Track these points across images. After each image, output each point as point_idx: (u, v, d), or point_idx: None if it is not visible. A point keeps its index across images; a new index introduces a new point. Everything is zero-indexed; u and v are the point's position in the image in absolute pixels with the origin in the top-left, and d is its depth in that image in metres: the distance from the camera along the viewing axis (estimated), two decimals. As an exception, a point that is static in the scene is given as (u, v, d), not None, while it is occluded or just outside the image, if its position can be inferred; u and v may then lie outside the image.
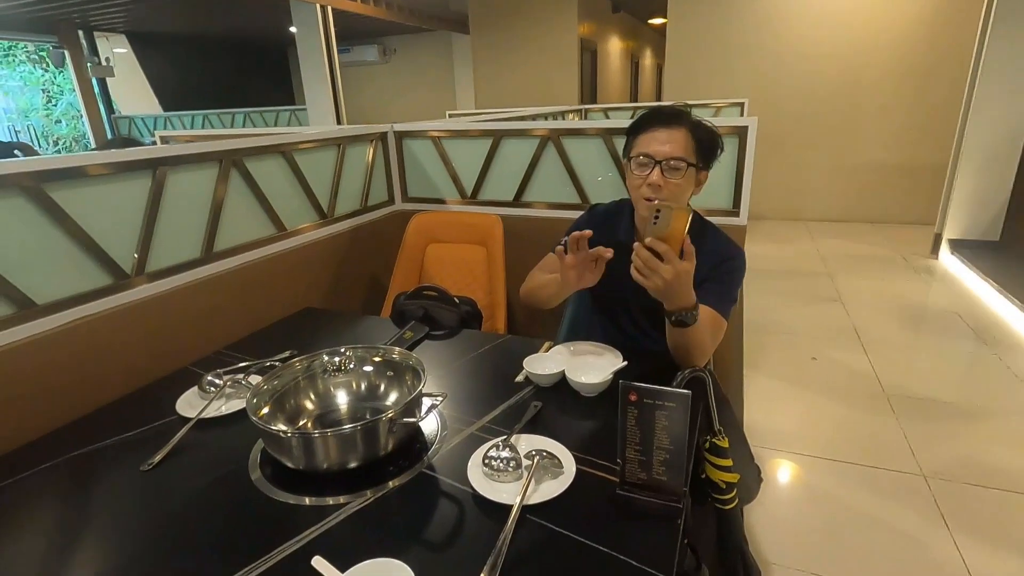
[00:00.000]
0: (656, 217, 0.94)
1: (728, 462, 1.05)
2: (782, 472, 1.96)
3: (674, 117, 1.18)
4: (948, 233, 4.10)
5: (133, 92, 8.39)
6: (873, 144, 5.22)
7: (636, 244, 0.96)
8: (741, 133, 1.71)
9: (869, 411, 2.27)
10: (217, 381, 1.12)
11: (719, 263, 1.16)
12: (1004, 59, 3.66)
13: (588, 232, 1.07)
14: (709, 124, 1.21)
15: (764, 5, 5.24)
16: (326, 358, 1.04)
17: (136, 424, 1.05)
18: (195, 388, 1.13)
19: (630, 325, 1.35)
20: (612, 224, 1.34)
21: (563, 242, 1.38)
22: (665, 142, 1.16)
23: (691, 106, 4.03)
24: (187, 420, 1.02)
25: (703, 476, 1.06)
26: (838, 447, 2.04)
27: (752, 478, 1.20)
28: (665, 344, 1.17)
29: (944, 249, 4.11)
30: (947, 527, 1.65)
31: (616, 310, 1.38)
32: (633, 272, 0.99)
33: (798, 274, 4.03)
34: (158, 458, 0.93)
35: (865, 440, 2.09)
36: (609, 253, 1.08)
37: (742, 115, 4.34)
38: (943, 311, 3.30)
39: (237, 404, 1.08)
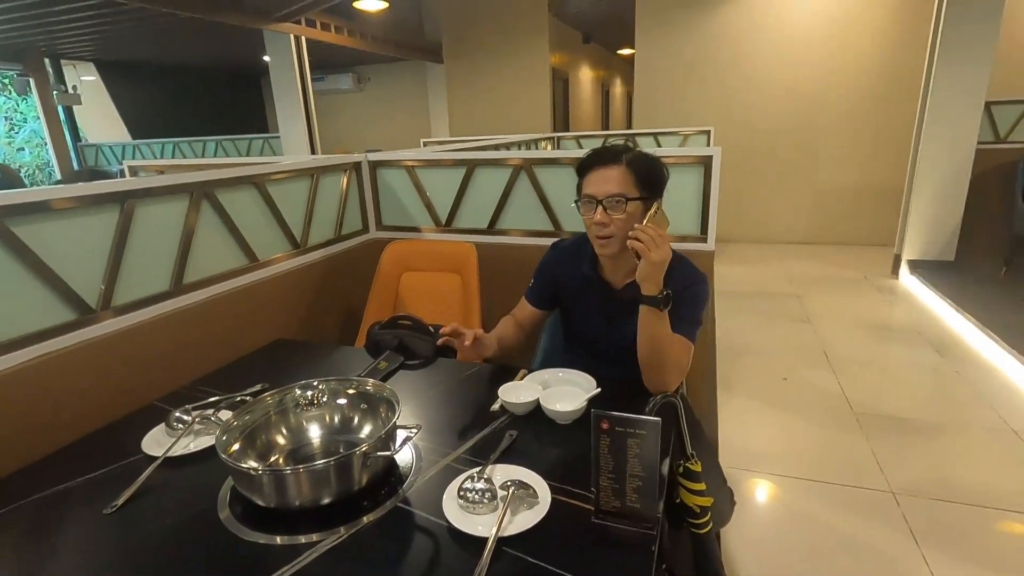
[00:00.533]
0: (656, 211, 1.14)
1: (701, 486, 1.06)
2: (757, 493, 1.98)
3: (610, 156, 1.23)
4: (907, 254, 4.27)
5: (101, 120, 8.27)
6: (834, 170, 5.44)
7: (637, 225, 1.11)
8: (706, 162, 1.78)
9: (838, 430, 2.32)
10: (185, 418, 1.09)
11: (683, 288, 1.19)
12: (949, 91, 3.87)
13: (447, 330, 1.24)
14: (648, 154, 1.25)
15: (728, 39, 5.46)
16: (298, 392, 1.03)
17: (100, 464, 1.02)
18: (162, 425, 1.10)
19: (600, 358, 1.37)
20: (575, 259, 1.37)
21: (532, 284, 1.43)
22: (604, 181, 1.21)
23: (660, 134, 4.14)
24: (153, 459, 1.00)
25: (677, 501, 1.07)
26: (810, 466, 2.08)
27: (725, 502, 1.22)
28: (637, 371, 1.20)
29: (904, 269, 4.27)
30: (916, 543, 1.68)
31: (587, 343, 1.40)
32: (633, 243, 1.10)
33: (768, 295, 4.13)
34: (122, 500, 0.90)
35: (835, 459, 2.13)
36: (468, 339, 1.24)
37: (709, 142, 4.49)
38: (905, 329, 3.42)
39: (206, 441, 1.05)
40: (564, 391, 1.15)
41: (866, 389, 2.64)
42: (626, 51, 10.12)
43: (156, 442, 1.06)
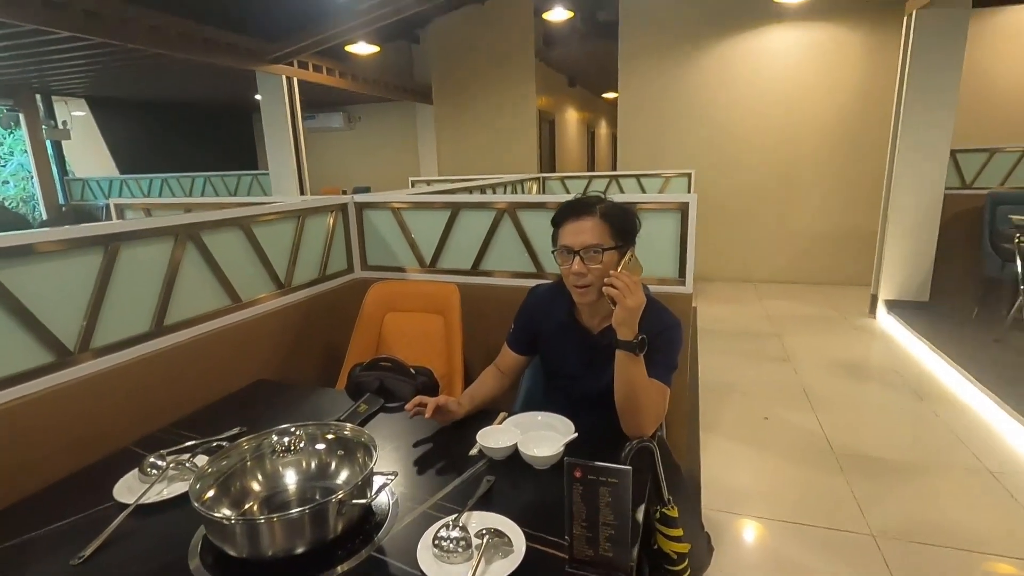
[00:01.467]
0: (630, 258, 1.19)
1: (678, 532, 1.06)
2: (740, 536, 1.97)
3: (583, 208, 1.27)
4: (883, 294, 4.37)
5: (89, 154, 8.29)
6: (810, 211, 5.60)
7: (612, 272, 1.15)
8: (683, 209, 1.84)
9: (819, 471, 2.33)
10: (159, 463, 1.08)
11: (658, 334, 1.22)
12: (916, 138, 4.05)
13: (411, 406, 1.24)
14: (620, 204, 1.30)
15: (707, 88, 5.69)
16: (275, 438, 1.03)
17: (69, 512, 1.00)
18: (135, 471, 1.08)
19: (580, 400, 1.38)
20: (553, 304, 1.40)
21: (512, 330, 1.46)
22: (579, 233, 1.25)
23: (643, 176, 4.25)
24: (124, 506, 0.98)
25: (655, 547, 1.07)
26: (792, 508, 2.08)
27: (703, 548, 1.22)
28: (616, 414, 1.21)
29: (881, 309, 4.36)
30: (897, 588, 1.68)
31: (567, 386, 1.42)
32: (609, 290, 1.13)
33: (749, 334, 4.18)
34: (90, 550, 0.88)
35: (816, 500, 2.13)
36: (427, 412, 1.22)
37: (690, 185, 4.62)
38: (882, 369, 3.47)
39: (180, 487, 1.04)
40: (542, 436, 1.16)
41: (846, 429, 2.66)
42: (610, 95, 10.46)
43: (128, 489, 1.05)
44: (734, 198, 5.76)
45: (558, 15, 5.65)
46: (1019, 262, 3.37)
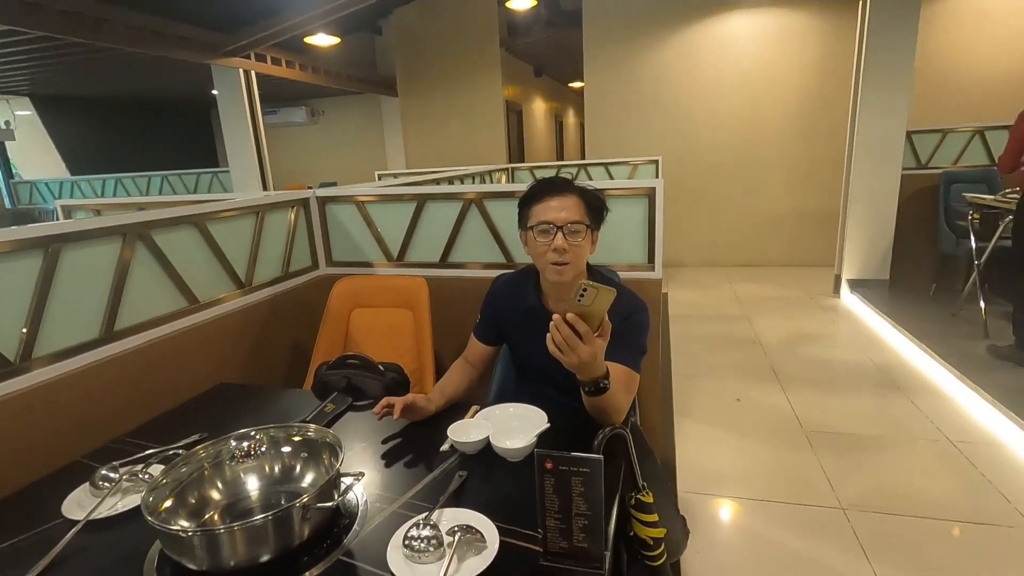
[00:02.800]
0: (582, 295, 0.90)
1: (654, 517, 1.06)
2: (715, 517, 2.00)
3: (564, 185, 1.26)
4: (846, 274, 4.48)
5: (37, 155, 7.91)
6: (774, 195, 5.72)
7: (556, 317, 0.94)
8: (650, 194, 1.83)
9: (790, 448, 2.38)
10: (112, 475, 1.02)
11: (625, 318, 1.21)
12: (874, 120, 4.16)
13: (377, 410, 1.20)
14: (592, 188, 1.29)
15: (670, 75, 5.73)
16: (233, 443, 0.98)
17: (14, 532, 0.94)
18: (86, 485, 1.02)
19: (551, 388, 1.37)
20: (518, 291, 1.38)
21: (478, 321, 1.43)
22: (561, 209, 1.23)
23: (611, 164, 4.25)
24: (74, 523, 0.92)
25: (631, 534, 1.07)
26: (765, 487, 2.11)
27: (678, 532, 1.22)
28: (587, 403, 1.20)
29: (844, 288, 4.48)
30: (867, 558, 1.72)
31: (537, 374, 1.40)
32: (549, 344, 0.98)
33: (719, 318, 4.25)
34: (35, 572, 0.83)
35: (788, 478, 2.18)
36: (395, 413, 1.18)
37: (657, 171, 4.65)
38: (847, 347, 3.57)
39: (135, 500, 0.99)
40: (515, 427, 1.14)
41: (814, 407, 2.72)
42: (577, 84, 10.45)
43: (78, 504, 0.99)
44: (701, 184, 5.84)
45: (522, 3, 5.59)
46: (972, 238, 3.49)
